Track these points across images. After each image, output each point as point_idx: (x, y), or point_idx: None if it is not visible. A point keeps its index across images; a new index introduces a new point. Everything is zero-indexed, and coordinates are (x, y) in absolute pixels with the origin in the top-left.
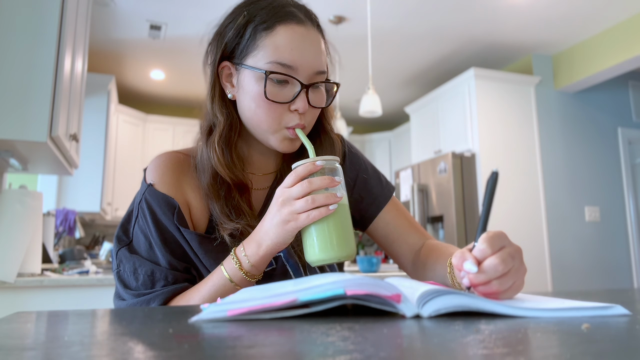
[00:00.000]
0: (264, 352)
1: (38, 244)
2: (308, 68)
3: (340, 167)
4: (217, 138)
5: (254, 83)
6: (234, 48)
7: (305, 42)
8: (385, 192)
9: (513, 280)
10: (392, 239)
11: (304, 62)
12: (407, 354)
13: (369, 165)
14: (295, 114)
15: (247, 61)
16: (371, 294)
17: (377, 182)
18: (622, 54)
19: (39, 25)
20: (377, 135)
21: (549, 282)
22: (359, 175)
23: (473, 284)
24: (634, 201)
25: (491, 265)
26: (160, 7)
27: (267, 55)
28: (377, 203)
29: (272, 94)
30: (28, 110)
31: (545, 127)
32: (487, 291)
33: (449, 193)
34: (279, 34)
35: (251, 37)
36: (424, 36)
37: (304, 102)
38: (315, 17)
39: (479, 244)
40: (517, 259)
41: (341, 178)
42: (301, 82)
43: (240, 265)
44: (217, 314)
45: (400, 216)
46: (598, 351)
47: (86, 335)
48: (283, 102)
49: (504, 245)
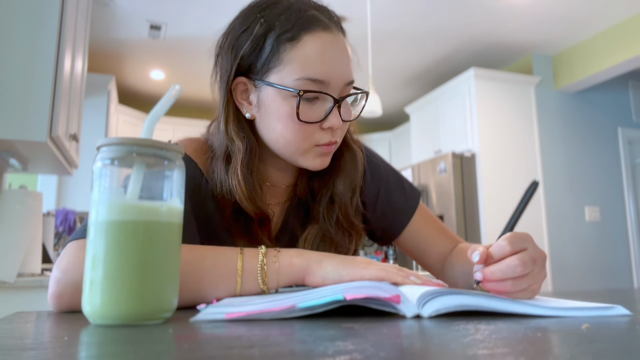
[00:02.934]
0: (264, 352)
1: (38, 244)
2: (340, 80)
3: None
4: (238, 167)
5: (280, 102)
6: (252, 63)
7: (335, 52)
8: (410, 204)
9: (529, 284)
10: (422, 251)
11: (336, 74)
12: (407, 354)
13: (391, 175)
14: (328, 131)
15: (271, 78)
16: (370, 297)
17: (400, 193)
18: (622, 54)
19: (39, 25)
20: (377, 135)
21: (549, 282)
22: (380, 191)
23: (487, 279)
24: (634, 201)
25: (510, 265)
26: (160, 7)
27: (296, 70)
28: (401, 219)
29: (304, 114)
30: (28, 110)
31: (545, 127)
32: (499, 289)
33: (449, 193)
34: (306, 45)
35: (274, 49)
36: (424, 36)
37: (337, 118)
38: (337, 17)
39: (499, 241)
40: (539, 265)
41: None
42: (333, 97)
43: (263, 266)
44: (214, 316)
45: (428, 225)
46: (598, 351)
47: (86, 335)
48: (315, 121)
49: (527, 247)
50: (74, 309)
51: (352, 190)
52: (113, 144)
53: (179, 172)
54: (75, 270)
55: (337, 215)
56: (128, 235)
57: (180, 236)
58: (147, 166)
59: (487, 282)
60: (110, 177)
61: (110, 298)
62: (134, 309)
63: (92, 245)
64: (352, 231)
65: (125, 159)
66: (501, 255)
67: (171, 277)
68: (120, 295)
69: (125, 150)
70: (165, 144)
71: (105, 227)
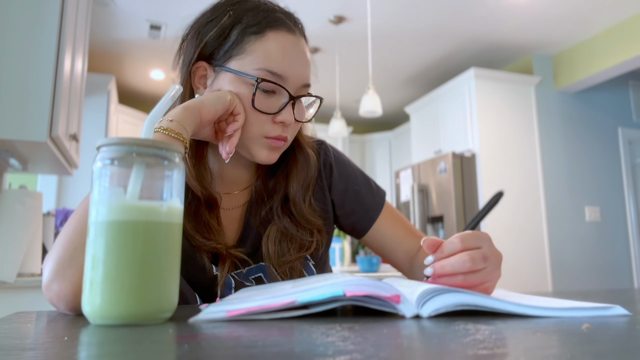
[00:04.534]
0: (264, 352)
1: (38, 244)
2: (298, 79)
3: None
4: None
5: (236, 88)
6: (214, 49)
7: (296, 52)
8: (378, 201)
9: (481, 281)
10: (389, 249)
11: (295, 73)
12: (407, 354)
13: (359, 174)
14: (279, 125)
15: (231, 64)
16: (370, 295)
17: (368, 191)
18: (622, 54)
19: (39, 25)
20: (377, 135)
21: (549, 282)
22: (348, 187)
23: (437, 274)
24: (634, 201)
25: (460, 260)
26: (160, 7)
27: (257, 61)
28: (369, 215)
29: (258, 103)
30: (28, 110)
31: (546, 127)
32: (450, 284)
33: (449, 193)
34: (270, 40)
35: (238, 39)
36: (424, 36)
37: (290, 115)
38: (302, 26)
39: (452, 237)
40: (492, 263)
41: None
42: (290, 93)
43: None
44: (216, 315)
45: (395, 224)
46: (598, 351)
47: (86, 335)
48: (269, 112)
49: (481, 246)
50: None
51: (305, 189)
52: (113, 144)
53: (179, 172)
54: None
55: (292, 212)
56: (128, 235)
57: (180, 236)
58: (147, 166)
59: (437, 276)
60: (110, 177)
61: (110, 298)
62: (134, 309)
63: (92, 245)
64: (310, 227)
65: (125, 159)
66: (451, 251)
67: (171, 277)
68: (120, 295)
69: (125, 150)
70: (165, 144)
71: (105, 227)
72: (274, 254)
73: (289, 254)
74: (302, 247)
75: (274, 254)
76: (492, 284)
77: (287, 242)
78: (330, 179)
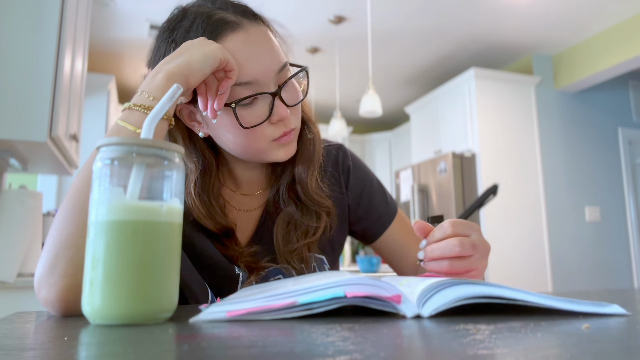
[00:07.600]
0: (264, 352)
1: (38, 244)
2: (269, 72)
3: None
4: (192, 188)
5: (221, 116)
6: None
7: (252, 47)
8: (391, 209)
9: (466, 268)
10: (398, 256)
11: (262, 69)
12: (407, 354)
13: (375, 180)
14: (279, 124)
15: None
16: (371, 295)
17: (382, 198)
18: (622, 54)
19: (39, 26)
20: (377, 135)
21: (549, 282)
22: (364, 191)
23: (426, 257)
24: (634, 201)
25: (449, 244)
26: (160, 7)
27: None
28: (381, 221)
29: (246, 120)
30: (28, 110)
31: (546, 127)
32: (436, 269)
33: (449, 193)
34: None
35: None
36: (424, 36)
37: (283, 109)
38: (246, 7)
39: (443, 223)
40: (479, 252)
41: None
42: (269, 92)
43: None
44: (216, 315)
45: (407, 232)
46: (598, 351)
47: (86, 335)
48: (261, 121)
49: (471, 234)
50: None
51: (310, 164)
52: (113, 144)
53: (179, 172)
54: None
55: (299, 194)
56: (128, 235)
57: (180, 236)
58: (147, 166)
59: (427, 260)
60: (110, 177)
61: (110, 298)
62: (134, 309)
63: (92, 245)
64: (318, 208)
65: (125, 159)
66: (442, 236)
67: (171, 277)
68: (120, 295)
69: (125, 150)
70: (166, 144)
71: (105, 227)
72: (282, 243)
73: (296, 242)
74: (307, 234)
75: (282, 241)
76: (478, 273)
77: (293, 228)
78: (347, 183)
